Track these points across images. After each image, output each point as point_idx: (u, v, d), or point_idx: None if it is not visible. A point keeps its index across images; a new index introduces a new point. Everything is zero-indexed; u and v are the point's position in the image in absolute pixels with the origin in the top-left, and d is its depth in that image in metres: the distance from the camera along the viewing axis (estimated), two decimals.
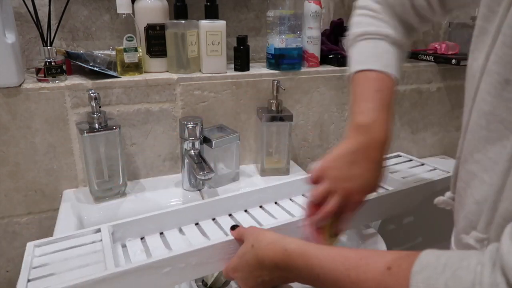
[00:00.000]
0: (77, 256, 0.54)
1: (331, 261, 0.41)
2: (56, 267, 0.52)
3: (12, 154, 0.79)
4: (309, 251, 0.43)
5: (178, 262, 0.52)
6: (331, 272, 0.40)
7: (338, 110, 1.03)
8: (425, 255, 0.34)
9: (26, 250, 0.55)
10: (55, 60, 0.78)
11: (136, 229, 0.62)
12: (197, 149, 0.80)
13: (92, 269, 0.51)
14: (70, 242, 0.58)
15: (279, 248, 0.45)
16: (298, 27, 0.92)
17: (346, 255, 0.41)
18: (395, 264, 0.35)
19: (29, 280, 0.50)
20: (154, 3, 0.84)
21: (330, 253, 0.42)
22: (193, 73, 0.88)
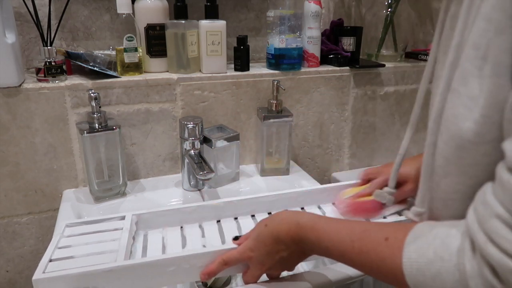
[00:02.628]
0: (97, 242, 0.58)
1: (337, 234, 0.43)
2: (77, 250, 0.56)
3: (12, 154, 0.79)
4: (319, 224, 0.45)
5: (184, 263, 0.53)
6: (338, 244, 0.43)
7: (338, 110, 1.03)
8: (419, 226, 0.37)
9: (56, 230, 0.59)
10: (55, 60, 0.78)
11: (159, 220, 0.65)
12: (197, 149, 0.80)
13: (105, 258, 0.54)
14: (97, 226, 0.62)
15: (293, 222, 0.47)
16: (298, 27, 0.92)
17: (351, 227, 0.43)
18: (392, 235, 0.38)
19: (51, 260, 0.53)
20: (154, 3, 0.84)
21: (337, 226, 0.44)
22: (193, 73, 0.88)
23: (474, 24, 0.32)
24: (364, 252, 0.40)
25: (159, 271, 0.53)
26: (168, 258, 0.52)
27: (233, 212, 0.68)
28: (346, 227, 0.44)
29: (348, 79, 1.01)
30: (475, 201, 0.33)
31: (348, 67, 1.00)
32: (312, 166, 1.06)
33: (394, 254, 0.37)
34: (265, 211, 0.70)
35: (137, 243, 0.61)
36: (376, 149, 1.12)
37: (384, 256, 0.38)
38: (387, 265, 0.38)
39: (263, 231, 0.49)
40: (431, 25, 1.19)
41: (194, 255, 0.53)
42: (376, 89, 1.05)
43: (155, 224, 0.65)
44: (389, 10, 1.05)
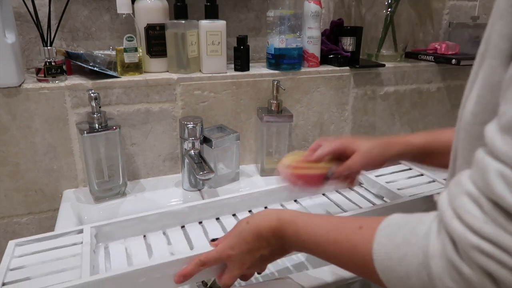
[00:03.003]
0: (55, 260, 0.54)
1: (314, 226, 0.44)
2: (33, 270, 0.51)
3: (12, 154, 0.79)
4: (298, 218, 0.46)
5: (154, 273, 0.51)
6: (314, 236, 0.43)
7: (338, 110, 1.03)
8: (394, 216, 0.38)
9: (6, 250, 0.54)
10: (55, 60, 0.78)
11: (120, 231, 0.62)
12: (197, 149, 0.80)
13: (68, 275, 0.50)
14: (51, 242, 0.57)
15: (274, 218, 0.47)
16: (298, 27, 0.92)
17: (329, 220, 0.44)
18: (367, 224, 0.39)
19: (3, 283, 0.49)
20: (154, 3, 0.84)
21: (315, 220, 0.45)
22: (193, 73, 0.88)
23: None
24: (338, 241, 0.41)
25: (129, 284, 0.50)
26: (138, 269, 0.50)
27: (197, 217, 0.67)
28: (324, 220, 0.44)
29: (348, 79, 1.01)
30: (449, 183, 0.33)
31: (348, 67, 1.00)
32: None
33: (366, 240, 0.37)
34: (229, 213, 0.70)
35: (99, 257, 0.58)
36: None
37: (356, 243, 0.39)
38: (359, 252, 0.38)
39: (245, 228, 0.49)
40: (431, 25, 1.19)
41: (165, 264, 0.51)
42: (376, 89, 1.05)
43: (116, 235, 0.62)
44: (389, 10, 1.05)
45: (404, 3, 1.06)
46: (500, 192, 0.27)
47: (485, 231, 0.27)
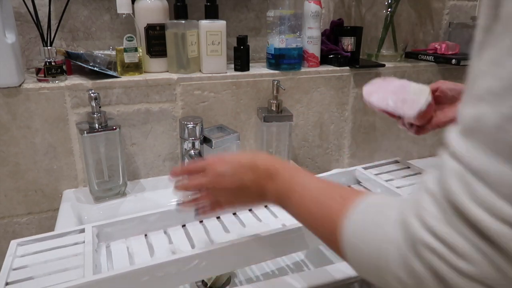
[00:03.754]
0: (58, 259, 0.54)
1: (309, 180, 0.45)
2: (36, 270, 0.52)
3: (12, 154, 0.79)
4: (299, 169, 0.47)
5: (157, 271, 0.51)
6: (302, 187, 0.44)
7: (338, 110, 1.03)
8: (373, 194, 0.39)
9: (9, 249, 0.55)
10: (55, 60, 0.78)
11: (121, 230, 0.62)
12: (197, 149, 0.80)
13: (71, 275, 0.51)
14: (53, 242, 0.57)
15: (279, 160, 0.49)
16: (298, 27, 0.92)
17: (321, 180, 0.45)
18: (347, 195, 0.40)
19: (7, 283, 0.49)
20: (154, 3, 0.84)
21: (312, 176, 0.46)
22: (193, 73, 0.88)
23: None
24: (319, 202, 0.41)
25: (132, 283, 0.50)
26: (140, 268, 0.50)
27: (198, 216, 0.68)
28: (318, 179, 0.45)
29: (348, 79, 1.01)
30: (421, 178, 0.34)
31: (348, 67, 1.00)
32: (312, 166, 1.06)
33: (341, 211, 0.38)
34: (230, 213, 0.71)
35: (101, 256, 0.58)
36: (376, 149, 1.12)
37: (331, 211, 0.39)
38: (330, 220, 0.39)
39: (246, 155, 0.50)
40: (431, 25, 1.19)
41: (167, 263, 0.51)
42: None
43: (118, 235, 0.62)
44: (389, 10, 1.05)
45: (404, 3, 1.06)
46: (455, 191, 0.27)
47: (438, 230, 0.27)
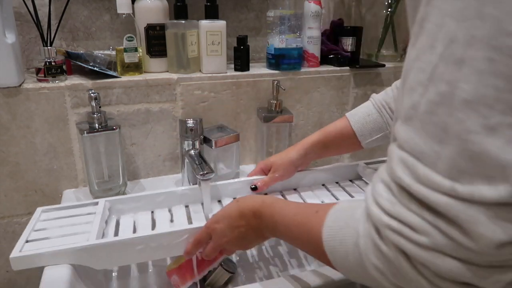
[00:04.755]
0: (71, 225, 0.62)
1: (286, 210, 0.49)
2: (52, 232, 0.60)
3: (12, 154, 0.79)
4: (278, 202, 0.51)
5: (151, 242, 0.59)
6: (285, 217, 0.48)
7: (338, 110, 1.03)
8: (343, 201, 0.43)
9: (34, 214, 0.65)
10: (55, 60, 0.78)
11: (131, 206, 0.70)
12: (197, 149, 0.80)
13: (78, 238, 0.59)
14: (71, 211, 0.67)
15: (259, 200, 0.53)
16: (298, 27, 0.92)
17: (298, 205, 0.49)
18: (321, 208, 0.43)
19: (27, 240, 0.58)
20: (154, 3, 0.84)
21: (290, 204, 0.50)
22: (193, 73, 0.88)
23: None
24: (300, 223, 0.45)
25: (128, 250, 0.58)
26: (137, 237, 0.58)
27: (199, 198, 0.74)
28: (295, 205, 0.49)
29: (348, 79, 1.01)
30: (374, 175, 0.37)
31: (348, 67, 1.00)
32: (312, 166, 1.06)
33: (319, 224, 0.41)
34: (230, 197, 0.76)
35: (109, 227, 0.66)
36: (376, 149, 1.12)
37: (312, 226, 0.43)
38: (313, 235, 0.42)
39: (233, 205, 0.55)
40: None
41: (160, 234, 0.59)
42: (376, 89, 1.05)
43: (128, 210, 0.70)
44: (389, 10, 1.05)
45: (404, 3, 1.06)
46: (400, 175, 0.30)
47: (393, 211, 0.31)
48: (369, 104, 0.74)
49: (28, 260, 0.56)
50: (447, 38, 0.27)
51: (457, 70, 0.26)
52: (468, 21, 0.26)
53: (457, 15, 0.26)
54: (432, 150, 0.28)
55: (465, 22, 0.26)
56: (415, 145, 0.29)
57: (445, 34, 0.27)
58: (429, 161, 0.28)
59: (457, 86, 0.26)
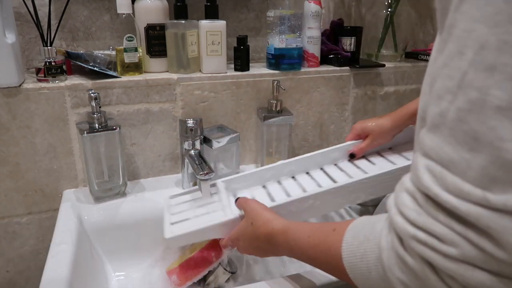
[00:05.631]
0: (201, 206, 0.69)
1: (299, 233, 0.49)
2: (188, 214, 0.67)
3: (12, 154, 0.79)
4: (289, 229, 0.52)
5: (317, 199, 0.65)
6: (298, 241, 0.49)
7: (338, 110, 1.03)
8: (361, 218, 0.42)
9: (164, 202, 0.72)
10: (55, 60, 0.78)
11: (243, 183, 0.75)
12: (197, 149, 0.80)
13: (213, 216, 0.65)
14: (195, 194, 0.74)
15: (270, 228, 0.54)
16: (298, 27, 0.92)
17: (311, 226, 0.49)
18: (339, 226, 0.43)
19: (172, 223, 0.65)
20: (154, 3, 0.84)
21: (301, 228, 0.50)
22: (193, 73, 0.88)
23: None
24: (316, 244, 0.45)
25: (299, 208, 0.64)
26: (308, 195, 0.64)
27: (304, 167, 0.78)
28: (307, 227, 0.49)
29: (348, 79, 1.01)
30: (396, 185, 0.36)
31: (348, 67, 1.00)
32: None
33: (338, 241, 0.41)
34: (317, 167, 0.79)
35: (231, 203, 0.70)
36: None
37: (330, 245, 0.42)
38: (331, 253, 0.42)
39: (249, 228, 0.58)
40: (431, 25, 1.19)
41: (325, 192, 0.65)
42: (376, 89, 1.05)
43: (241, 186, 0.74)
44: (389, 10, 1.05)
45: (404, 3, 1.06)
46: (427, 184, 0.30)
47: (419, 221, 0.30)
48: None
49: (182, 239, 0.62)
50: (478, 44, 0.26)
51: (488, 77, 0.26)
52: (500, 27, 0.25)
53: (488, 21, 0.26)
54: (462, 158, 0.27)
55: (497, 28, 0.25)
56: (443, 154, 0.29)
57: (475, 40, 0.27)
58: (458, 169, 0.28)
59: (489, 93, 0.26)
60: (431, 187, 0.29)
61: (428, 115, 0.31)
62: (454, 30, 0.28)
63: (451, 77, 0.28)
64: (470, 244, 0.28)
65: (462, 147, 0.27)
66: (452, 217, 0.28)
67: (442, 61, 0.29)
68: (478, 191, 0.27)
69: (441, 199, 0.29)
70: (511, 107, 0.25)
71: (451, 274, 0.29)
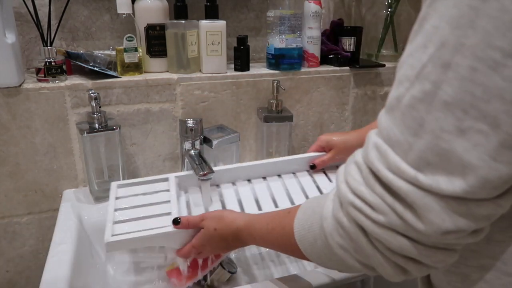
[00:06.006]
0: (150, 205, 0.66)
1: (259, 223, 0.52)
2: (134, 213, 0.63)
3: (12, 154, 0.79)
4: (250, 223, 0.55)
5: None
6: (260, 231, 0.52)
7: (338, 110, 1.03)
8: (312, 197, 0.45)
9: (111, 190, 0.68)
10: (55, 60, 0.78)
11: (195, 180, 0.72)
12: (197, 149, 0.80)
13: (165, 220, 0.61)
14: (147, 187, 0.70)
15: (234, 227, 0.57)
16: (298, 27, 0.92)
17: (270, 214, 0.52)
18: (294, 208, 0.46)
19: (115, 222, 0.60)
20: (154, 3, 0.84)
21: (262, 217, 0.53)
22: (193, 73, 0.88)
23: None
24: (274, 228, 0.49)
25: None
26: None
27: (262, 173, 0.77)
28: (267, 215, 0.53)
29: (348, 79, 1.01)
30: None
31: (348, 67, 1.00)
32: None
33: (291, 219, 0.45)
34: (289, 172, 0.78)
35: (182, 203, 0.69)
36: None
37: (284, 225, 0.46)
38: (286, 232, 0.45)
39: (214, 234, 0.58)
40: None
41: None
42: (376, 89, 1.05)
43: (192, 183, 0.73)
44: (389, 10, 1.05)
45: (404, 3, 1.06)
46: (372, 159, 0.33)
47: (358, 190, 0.34)
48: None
49: (121, 244, 0.57)
50: (439, 41, 0.29)
51: (442, 73, 0.28)
52: (461, 29, 0.27)
53: (452, 22, 0.28)
54: (406, 141, 0.31)
55: (458, 30, 0.27)
56: (392, 134, 0.32)
57: (438, 37, 0.29)
58: (401, 150, 0.31)
59: (440, 87, 0.28)
60: (375, 163, 0.33)
61: (389, 97, 0.33)
62: (425, 24, 0.30)
63: (413, 66, 0.31)
64: (395, 214, 0.32)
65: (408, 131, 0.30)
66: (386, 190, 0.32)
67: (409, 51, 0.32)
68: (412, 171, 0.30)
69: (380, 174, 0.32)
70: (455, 104, 0.28)
71: (378, 237, 0.33)
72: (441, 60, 0.28)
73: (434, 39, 0.29)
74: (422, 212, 0.30)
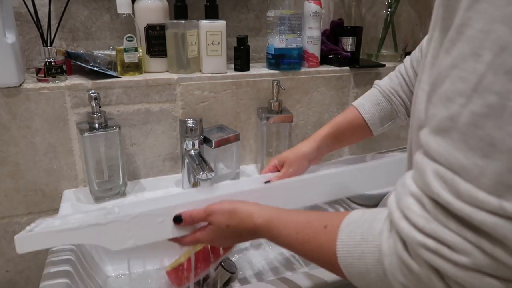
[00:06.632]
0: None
1: (285, 229, 0.48)
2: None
3: (12, 154, 0.79)
4: (272, 223, 0.50)
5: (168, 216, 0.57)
6: (285, 238, 0.47)
7: (338, 110, 1.03)
8: (353, 212, 0.41)
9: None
10: (55, 60, 0.78)
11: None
12: (197, 149, 0.80)
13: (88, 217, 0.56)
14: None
15: (251, 224, 0.52)
16: (298, 27, 0.92)
17: (297, 220, 0.47)
18: (330, 223, 0.42)
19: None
20: (154, 3, 0.84)
21: (286, 220, 0.48)
22: (193, 73, 0.88)
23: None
24: (306, 241, 0.44)
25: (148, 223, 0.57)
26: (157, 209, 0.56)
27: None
28: (294, 220, 0.47)
29: (348, 79, 1.01)
30: (396, 184, 0.35)
31: (348, 67, 1.00)
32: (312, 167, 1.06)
33: (331, 239, 0.40)
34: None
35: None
36: (376, 149, 1.12)
37: (322, 243, 0.42)
38: (324, 251, 0.41)
39: (226, 230, 0.54)
40: None
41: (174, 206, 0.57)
42: None
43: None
44: (389, 10, 1.05)
45: (404, 3, 1.06)
46: (437, 190, 0.29)
47: (428, 229, 0.29)
48: (376, 92, 0.73)
49: (34, 241, 0.50)
50: (497, 45, 0.25)
51: (509, 81, 0.25)
52: None
53: (509, 21, 0.25)
54: (475, 165, 0.26)
55: None
56: (453, 159, 0.28)
57: (494, 42, 0.25)
58: (471, 176, 0.27)
59: (509, 97, 0.25)
60: (442, 194, 0.28)
61: (430, 116, 0.30)
62: (467, 29, 0.27)
63: (464, 79, 0.27)
64: (483, 253, 0.27)
65: (474, 153, 0.26)
66: (464, 226, 0.28)
67: (450, 62, 0.28)
68: (494, 199, 0.26)
69: (453, 207, 0.28)
70: None
71: (460, 281, 0.28)
72: (503, 67, 0.25)
73: (488, 45, 0.25)
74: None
